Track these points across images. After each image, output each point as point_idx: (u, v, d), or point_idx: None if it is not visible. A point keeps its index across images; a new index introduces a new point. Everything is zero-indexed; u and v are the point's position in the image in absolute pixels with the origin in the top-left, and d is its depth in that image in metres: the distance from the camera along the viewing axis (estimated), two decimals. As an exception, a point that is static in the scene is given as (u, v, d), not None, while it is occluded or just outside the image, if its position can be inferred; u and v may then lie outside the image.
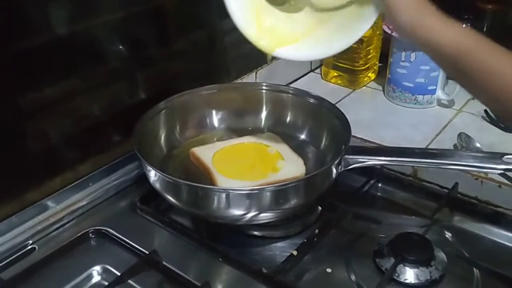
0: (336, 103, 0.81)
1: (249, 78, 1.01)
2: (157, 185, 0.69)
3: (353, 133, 0.73)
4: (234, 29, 0.62)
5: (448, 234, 0.72)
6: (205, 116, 0.86)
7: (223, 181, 0.72)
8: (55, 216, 0.73)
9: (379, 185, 0.82)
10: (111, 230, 0.71)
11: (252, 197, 0.64)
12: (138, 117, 0.75)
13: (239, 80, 0.99)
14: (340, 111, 0.78)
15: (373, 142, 0.88)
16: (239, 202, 0.64)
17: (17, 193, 0.70)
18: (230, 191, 0.65)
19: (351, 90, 1.09)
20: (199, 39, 0.92)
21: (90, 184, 0.77)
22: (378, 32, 1.07)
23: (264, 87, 0.87)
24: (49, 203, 0.73)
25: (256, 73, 1.03)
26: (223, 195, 0.64)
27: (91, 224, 0.73)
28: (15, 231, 0.69)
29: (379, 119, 0.98)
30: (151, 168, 0.67)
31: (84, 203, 0.76)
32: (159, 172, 0.66)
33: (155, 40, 0.84)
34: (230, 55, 0.97)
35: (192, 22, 0.89)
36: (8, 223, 0.68)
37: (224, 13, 0.61)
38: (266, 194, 0.64)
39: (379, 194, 0.82)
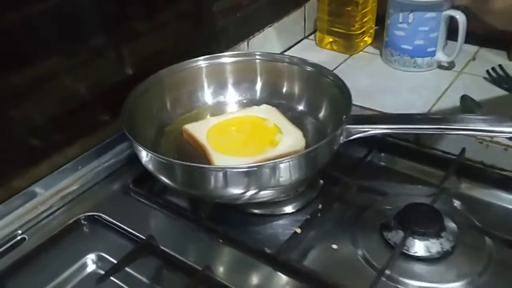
0: (333, 70, 0.77)
1: (241, 48, 0.97)
2: (150, 166, 0.65)
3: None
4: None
5: (457, 203, 0.69)
6: (196, 90, 0.83)
7: (219, 158, 0.70)
8: (44, 204, 0.70)
9: (382, 154, 0.80)
10: (104, 216, 0.69)
11: (251, 175, 0.60)
12: (126, 94, 0.71)
13: (230, 51, 0.94)
14: (340, 78, 0.74)
15: (373, 109, 0.85)
16: (238, 181, 0.61)
17: (2, 181, 0.66)
18: (228, 169, 0.61)
19: (348, 56, 1.06)
20: (186, 9, 0.87)
21: (79, 167, 0.75)
22: (373, -6, 1.03)
23: (257, 57, 0.83)
24: (37, 190, 0.70)
25: (247, 42, 0.99)
26: (220, 174, 0.61)
27: (83, 210, 0.70)
28: (2, 221, 0.66)
29: (377, 84, 0.95)
30: (142, 149, 0.63)
31: (74, 188, 0.73)
32: (150, 153, 0.63)
33: (140, 12, 0.79)
34: (219, 24, 0.92)
35: (178, -9, 0.84)
36: (-6, 213, 0.66)
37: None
38: (266, 171, 0.60)
39: (382, 164, 0.79)
